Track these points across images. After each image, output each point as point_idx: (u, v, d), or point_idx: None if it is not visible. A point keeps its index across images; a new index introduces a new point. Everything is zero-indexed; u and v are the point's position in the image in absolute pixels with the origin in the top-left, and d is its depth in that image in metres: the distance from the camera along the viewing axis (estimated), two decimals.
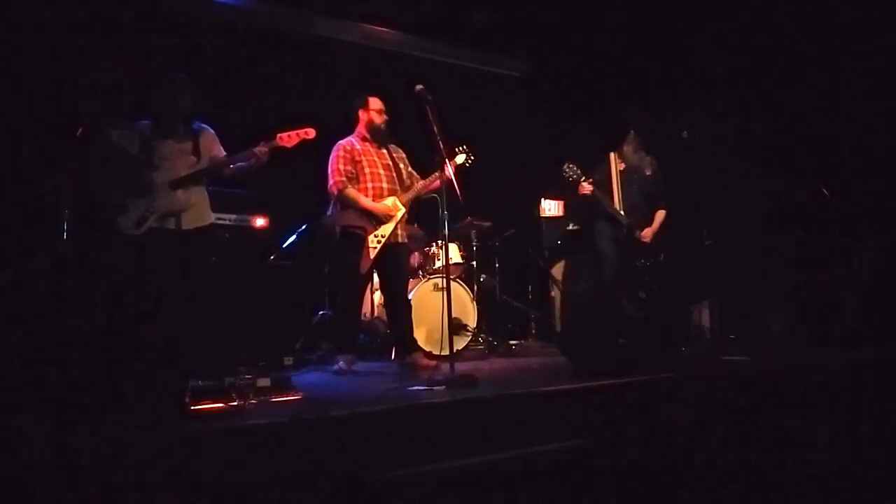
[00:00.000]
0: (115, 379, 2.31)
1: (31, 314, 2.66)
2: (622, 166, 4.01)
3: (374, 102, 3.45)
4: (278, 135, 3.00)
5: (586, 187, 3.82)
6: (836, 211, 4.23)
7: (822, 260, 4.38)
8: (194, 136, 2.98)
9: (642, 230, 3.92)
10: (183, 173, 2.91)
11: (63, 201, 2.92)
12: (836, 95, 4.46)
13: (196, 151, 2.96)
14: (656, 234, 3.93)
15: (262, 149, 2.94)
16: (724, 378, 2.83)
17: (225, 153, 3.03)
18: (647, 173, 4.01)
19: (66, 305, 2.69)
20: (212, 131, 3.07)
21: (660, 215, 3.99)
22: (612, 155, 4.03)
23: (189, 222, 2.91)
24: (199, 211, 2.96)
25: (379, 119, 3.43)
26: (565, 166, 3.84)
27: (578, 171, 3.83)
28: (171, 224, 2.87)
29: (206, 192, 3.03)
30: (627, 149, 4.01)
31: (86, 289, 2.78)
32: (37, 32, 3.35)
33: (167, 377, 2.33)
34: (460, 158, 3.51)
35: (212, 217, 3.06)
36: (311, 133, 3.07)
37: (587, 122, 5.38)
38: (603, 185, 3.92)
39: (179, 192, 2.89)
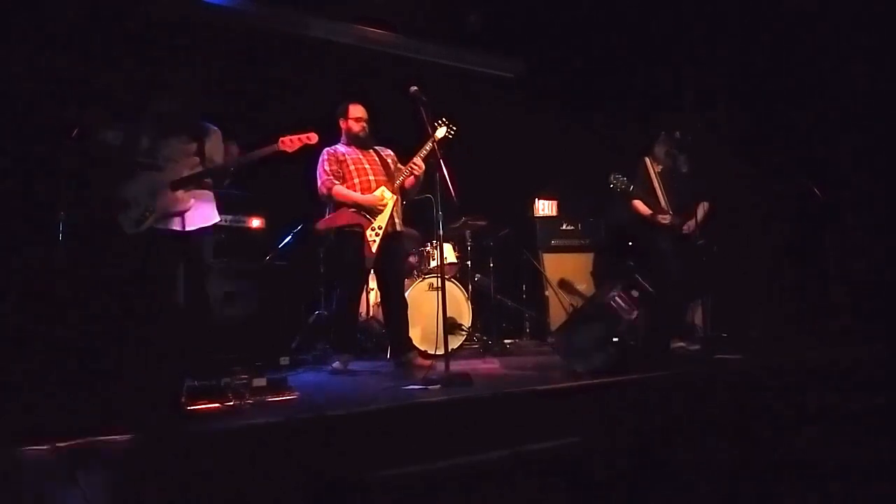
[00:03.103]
0: (112, 379, 2.31)
1: (28, 315, 2.65)
2: (659, 168, 4.06)
3: (354, 111, 3.46)
4: (280, 139, 3.00)
5: (666, 218, 3.86)
6: (827, 210, 4.27)
7: (814, 258, 4.42)
8: (199, 137, 2.98)
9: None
10: (185, 174, 2.91)
11: (59, 203, 2.91)
12: (831, 94, 4.50)
13: (200, 153, 2.96)
14: (702, 226, 3.92)
15: (263, 152, 2.95)
16: (716, 376, 2.85)
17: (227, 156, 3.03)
18: (684, 171, 4.05)
19: (63, 306, 2.68)
20: (218, 132, 3.05)
21: (702, 208, 3.99)
22: (646, 159, 4.07)
23: (192, 223, 2.89)
24: (202, 211, 2.95)
25: (356, 128, 3.44)
26: (611, 177, 3.83)
27: (625, 181, 3.83)
28: (175, 224, 2.86)
29: (210, 193, 3.02)
30: (659, 150, 4.06)
31: (82, 289, 2.78)
32: (31, 34, 3.34)
33: (163, 377, 2.33)
34: (441, 132, 3.49)
35: (216, 218, 3.04)
36: (313, 138, 3.08)
37: (581, 122, 5.41)
38: (645, 190, 3.96)
39: (180, 193, 2.88)
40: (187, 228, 2.87)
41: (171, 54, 3.98)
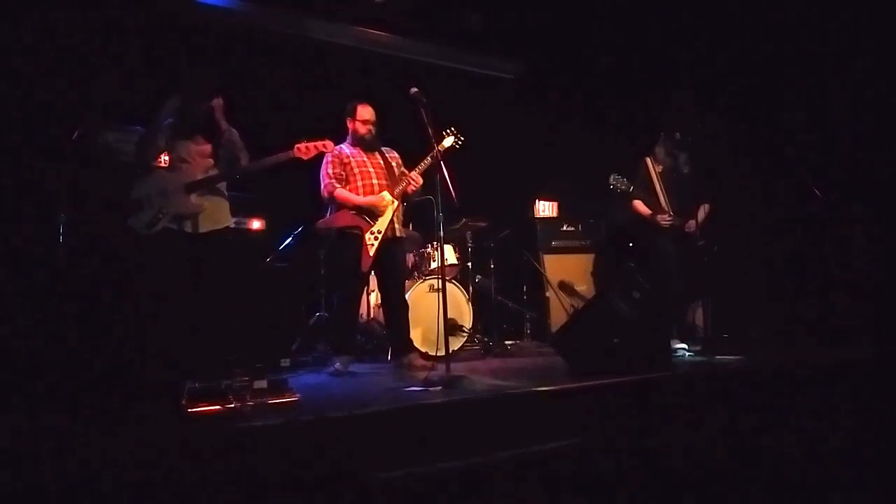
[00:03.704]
0: (113, 382, 2.30)
1: (26, 317, 2.65)
2: (660, 168, 4.05)
3: (362, 112, 3.45)
4: (296, 145, 2.98)
5: (666, 219, 3.87)
6: (828, 210, 4.26)
7: (815, 259, 4.42)
8: (214, 139, 2.93)
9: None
10: (199, 176, 2.88)
11: (59, 205, 2.89)
12: (830, 95, 4.49)
13: (214, 155, 2.92)
14: (703, 227, 3.92)
15: (278, 158, 2.93)
16: (717, 377, 2.85)
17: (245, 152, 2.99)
18: (685, 171, 4.05)
19: (62, 308, 2.67)
20: (235, 133, 3.00)
21: (703, 209, 4.00)
22: (647, 160, 4.07)
23: (205, 225, 2.86)
24: (215, 214, 2.92)
25: (363, 129, 3.44)
26: (612, 178, 3.83)
27: (626, 182, 3.83)
28: (187, 227, 2.83)
29: (224, 196, 2.99)
30: (659, 151, 4.06)
31: (83, 291, 2.77)
32: (31, 36, 3.34)
33: (164, 380, 2.33)
34: (448, 141, 3.51)
35: (229, 220, 3.01)
36: (329, 146, 3.08)
37: (581, 123, 5.41)
38: (646, 190, 3.95)
39: (193, 196, 2.85)
40: (200, 231, 2.84)
41: (171, 56, 3.98)
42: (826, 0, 4.26)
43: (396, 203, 3.41)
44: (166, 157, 2.92)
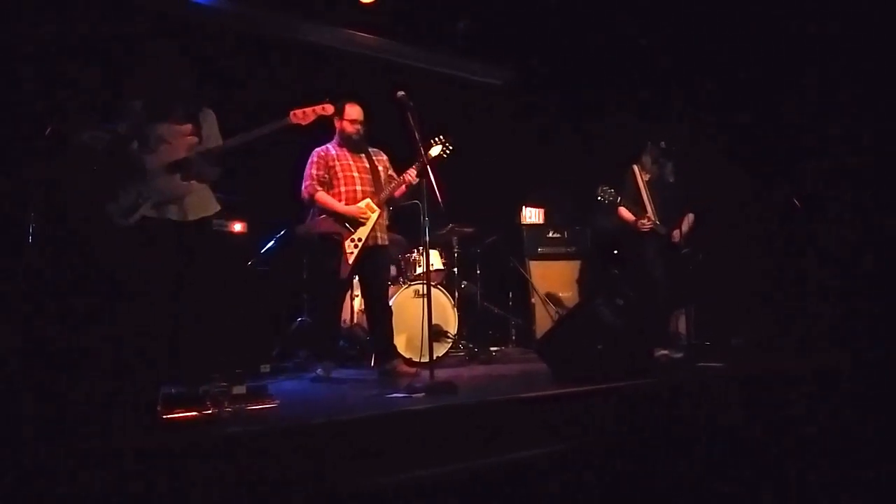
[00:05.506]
0: (86, 387, 2.23)
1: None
2: (647, 177, 4.09)
3: (350, 112, 3.40)
4: (291, 111, 2.76)
5: (646, 224, 3.88)
6: (808, 220, 4.33)
7: (797, 268, 4.48)
8: (195, 116, 2.72)
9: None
10: (183, 155, 2.63)
11: (29, 205, 2.78)
12: (814, 104, 4.57)
13: (197, 132, 2.68)
14: (687, 236, 3.96)
15: (272, 126, 2.72)
16: (699, 384, 2.87)
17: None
18: (671, 180, 4.10)
19: (34, 310, 2.59)
20: (212, 113, 2.81)
21: (688, 218, 4.05)
22: (634, 168, 4.10)
23: (194, 212, 2.63)
24: (202, 198, 2.68)
25: (351, 129, 3.39)
26: (599, 189, 3.86)
27: (613, 193, 3.86)
28: (172, 213, 2.58)
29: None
30: (646, 159, 4.10)
31: (55, 292, 2.68)
32: (11, 32, 3.26)
33: (139, 385, 2.27)
34: (436, 150, 3.46)
35: (216, 206, 2.76)
36: (328, 109, 2.88)
37: (569, 130, 5.45)
38: (632, 198, 3.98)
39: (179, 177, 2.59)
40: (188, 218, 2.61)
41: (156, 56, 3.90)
42: (814, 10, 4.32)
43: (379, 211, 3.37)
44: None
